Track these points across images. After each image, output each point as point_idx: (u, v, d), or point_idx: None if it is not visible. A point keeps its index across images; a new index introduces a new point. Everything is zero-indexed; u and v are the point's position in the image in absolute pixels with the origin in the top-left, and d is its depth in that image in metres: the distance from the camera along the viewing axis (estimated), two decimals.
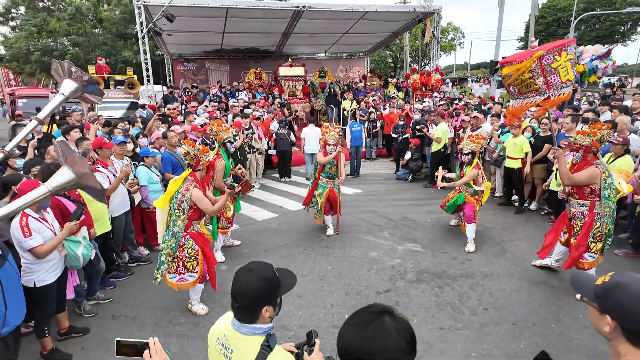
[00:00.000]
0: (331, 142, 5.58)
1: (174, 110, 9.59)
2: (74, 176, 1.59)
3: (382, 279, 4.56)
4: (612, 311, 1.19)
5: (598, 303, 1.23)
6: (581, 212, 4.10)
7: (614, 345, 1.22)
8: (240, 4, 11.78)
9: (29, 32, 28.09)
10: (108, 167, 4.57)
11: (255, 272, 1.48)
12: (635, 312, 1.14)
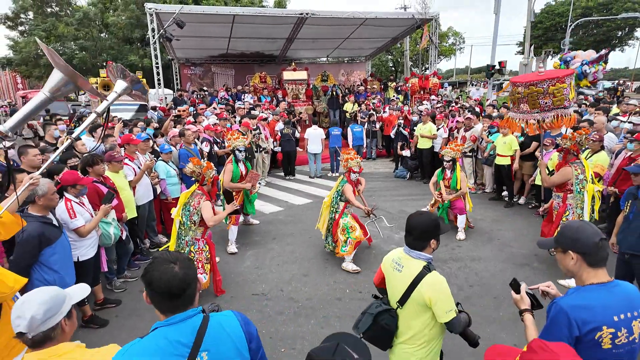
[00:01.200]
0: (356, 170, 5.22)
1: (184, 112, 10.14)
2: (63, 75, 2.20)
3: (379, 262, 5.05)
4: (567, 245, 1.67)
5: (559, 245, 1.72)
6: (558, 203, 4.65)
7: (579, 276, 1.69)
8: (247, 11, 12.35)
9: (38, 37, 28.77)
10: (134, 160, 5.10)
11: (426, 214, 2.13)
12: (576, 237, 1.64)
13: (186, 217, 4.12)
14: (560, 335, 1.58)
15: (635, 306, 1.60)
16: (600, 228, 5.90)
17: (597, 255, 1.63)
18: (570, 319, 1.56)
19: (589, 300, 1.59)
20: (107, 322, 3.87)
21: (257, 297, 4.30)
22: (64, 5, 32.26)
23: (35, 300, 1.47)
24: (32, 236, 2.90)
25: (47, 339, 1.48)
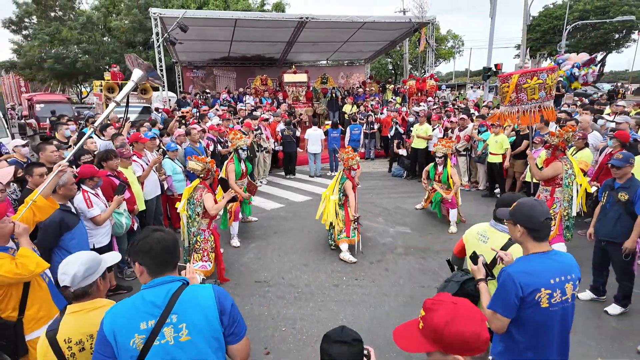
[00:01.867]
0: (355, 168, 5.68)
1: (187, 114, 10.45)
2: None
3: (375, 253, 5.34)
4: (518, 219, 1.94)
5: (512, 218, 1.99)
6: (545, 196, 4.93)
7: (524, 246, 1.97)
8: (249, 15, 12.69)
9: (42, 41, 29.19)
10: (142, 157, 5.39)
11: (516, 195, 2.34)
12: (529, 215, 1.90)
13: (191, 210, 4.40)
14: (508, 297, 1.85)
15: (568, 271, 1.88)
16: (586, 222, 6.20)
17: (541, 231, 1.90)
18: (516, 282, 1.83)
19: (531, 267, 1.86)
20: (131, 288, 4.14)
21: (259, 284, 4.58)
22: (67, 9, 32.68)
23: (77, 261, 1.75)
24: (53, 222, 3.18)
25: (86, 294, 1.77)
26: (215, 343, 1.55)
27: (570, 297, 1.90)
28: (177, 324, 1.51)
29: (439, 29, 37.18)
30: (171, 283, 1.58)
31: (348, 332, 1.59)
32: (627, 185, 3.67)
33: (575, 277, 1.90)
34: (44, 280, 2.71)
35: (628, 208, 3.62)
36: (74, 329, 1.70)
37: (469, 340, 1.13)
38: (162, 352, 1.49)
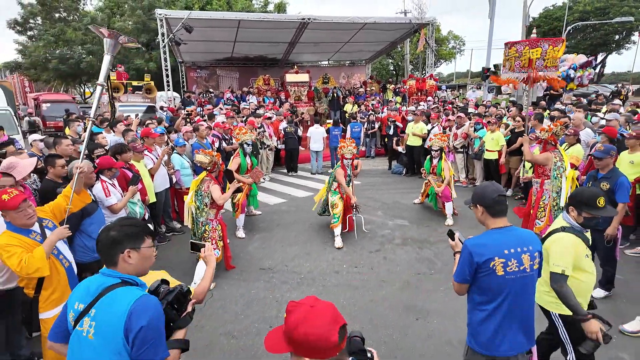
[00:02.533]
0: (348, 157, 5.69)
1: (192, 112, 10.72)
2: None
3: (374, 243, 5.60)
4: (475, 200, 2.20)
5: (472, 201, 2.23)
6: (536, 188, 5.18)
7: (485, 224, 2.20)
8: (252, 17, 12.96)
9: (47, 41, 29.54)
10: (152, 152, 5.65)
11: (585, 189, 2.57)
12: (482, 194, 2.15)
13: (199, 201, 4.66)
14: (463, 265, 2.11)
15: (525, 243, 2.09)
16: None
17: (496, 207, 2.11)
18: (472, 252, 2.07)
19: (486, 240, 2.10)
20: None
21: (264, 271, 4.83)
22: (71, 11, 33.05)
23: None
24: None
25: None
26: (116, 357, 1.50)
27: (529, 268, 2.07)
28: (92, 319, 1.56)
29: (440, 30, 37.42)
30: (108, 277, 1.64)
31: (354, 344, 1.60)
32: (609, 175, 3.91)
33: (533, 249, 2.09)
34: (62, 265, 2.92)
35: (610, 197, 3.86)
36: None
37: (315, 343, 1.16)
38: (76, 337, 1.59)
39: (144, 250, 1.72)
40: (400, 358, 3.30)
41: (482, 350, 2.15)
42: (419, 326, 3.70)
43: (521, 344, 2.14)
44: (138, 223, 1.81)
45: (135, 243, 1.70)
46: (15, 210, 2.58)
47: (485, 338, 2.13)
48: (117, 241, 1.67)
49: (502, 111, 9.47)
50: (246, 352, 3.38)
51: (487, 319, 2.12)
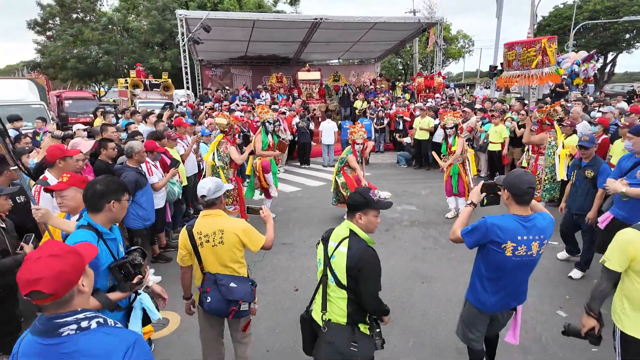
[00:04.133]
0: (359, 141, 5.98)
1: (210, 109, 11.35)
2: None
3: (383, 224, 6.12)
4: (506, 185, 2.37)
5: (502, 184, 2.43)
6: (532, 163, 5.78)
7: (508, 208, 2.41)
8: (266, 17, 13.55)
9: (66, 41, 30.53)
10: (183, 139, 6.25)
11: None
12: (514, 182, 2.25)
13: (219, 159, 5.35)
14: (476, 234, 2.32)
15: (539, 232, 2.27)
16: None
17: (524, 197, 2.27)
18: (489, 229, 2.27)
19: (505, 224, 2.26)
20: (170, 259, 5.00)
21: (285, 245, 5.39)
22: (89, 11, 34.03)
23: (210, 181, 2.52)
24: (130, 180, 4.02)
25: (213, 204, 2.53)
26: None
27: (536, 253, 2.29)
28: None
29: (450, 29, 37.64)
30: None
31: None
32: (592, 163, 4.21)
33: (544, 238, 2.28)
34: None
35: (594, 183, 4.23)
36: (203, 226, 2.49)
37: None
38: None
39: (123, 202, 2.20)
40: (406, 313, 3.82)
41: (478, 305, 2.52)
42: (423, 288, 4.23)
43: (511, 305, 2.52)
44: (118, 181, 2.27)
45: (117, 196, 2.16)
46: None
47: (484, 299, 2.46)
48: (105, 194, 2.09)
49: (507, 106, 9.91)
50: (275, 306, 3.95)
51: (491, 292, 2.43)
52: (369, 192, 2.29)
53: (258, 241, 2.58)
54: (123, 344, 1.28)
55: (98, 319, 1.32)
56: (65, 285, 1.24)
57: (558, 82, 6.06)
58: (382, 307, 2.31)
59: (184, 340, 3.48)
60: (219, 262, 2.51)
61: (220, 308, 2.47)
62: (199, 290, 2.57)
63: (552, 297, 4.04)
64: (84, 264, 1.34)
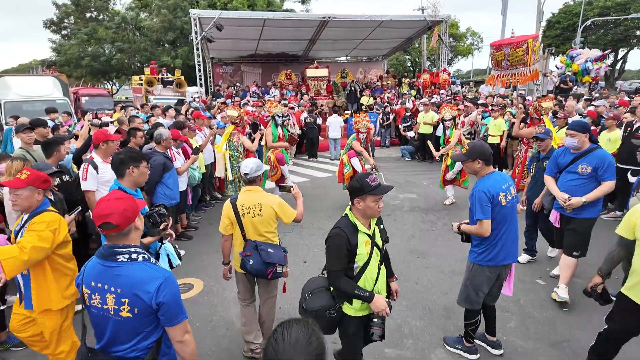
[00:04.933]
0: (363, 130, 6.35)
1: (223, 104, 11.91)
2: None
3: (386, 209, 6.58)
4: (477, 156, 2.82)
5: (469, 157, 2.88)
6: (521, 154, 6.19)
7: (481, 173, 2.89)
8: (276, 15, 14.04)
9: (81, 40, 31.41)
10: (201, 130, 6.79)
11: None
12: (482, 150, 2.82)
13: (233, 149, 6.01)
14: (484, 202, 2.71)
15: (508, 180, 2.86)
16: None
17: (490, 159, 2.83)
18: (485, 191, 2.78)
19: (489, 182, 2.78)
20: (192, 237, 5.55)
21: (293, 225, 5.88)
22: (102, 10, 34.88)
23: (252, 161, 2.93)
24: (159, 164, 4.56)
25: (254, 181, 2.95)
26: None
27: (515, 198, 2.86)
28: None
29: (458, 27, 37.68)
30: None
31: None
32: (549, 155, 4.26)
33: (510, 184, 2.83)
34: None
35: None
36: (245, 199, 2.89)
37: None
38: None
39: (141, 169, 2.79)
40: (401, 281, 4.29)
41: (489, 263, 2.85)
42: (419, 262, 4.70)
43: (513, 255, 2.93)
44: (137, 151, 2.87)
45: (136, 163, 2.75)
46: None
47: (492, 255, 2.84)
48: (124, 161, 2.71)
49: (507, 101, 10.27)
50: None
51: (497, 241, 2.81)
52: (367, 177, 2.36)
53: (290, 214, 2.98)
54: (159, 277, 1.70)
55: (144, 255, 1.77)
56: (127, 220, 1.71)
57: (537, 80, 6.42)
58: (337, 285, 2.34)
59: (207, 300, 4.01)
60: (256, 231, 2.91)
61: (260, 269, 2.87)
62: (241, 255, 2.92)
63: (534, 269, 4.48)
64: (139, 209, 1.84)
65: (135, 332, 1.74)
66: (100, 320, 1.76)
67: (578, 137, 3.57)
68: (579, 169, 3.58)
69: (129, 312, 1.69)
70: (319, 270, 4.09)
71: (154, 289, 1.67)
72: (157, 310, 1.70)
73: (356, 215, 2.39)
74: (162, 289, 1.68)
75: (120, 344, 1.76)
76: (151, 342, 1.78)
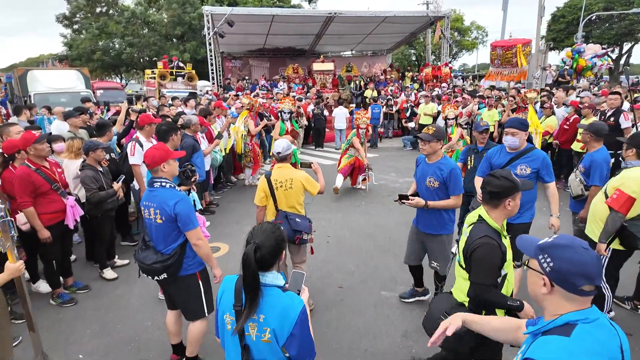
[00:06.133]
0: (362, 126, 7.09)
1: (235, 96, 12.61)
2: None
3: (386, 191, 7.29)
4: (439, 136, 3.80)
5: (438, 138, 3.91)
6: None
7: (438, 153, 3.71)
8: (285, 12, 14.69)
9: (92, 35, 32.19)
10: (220, 118, 7.51)
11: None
12: (440, 132, 3.78)
13: (245, 129, 6.97)
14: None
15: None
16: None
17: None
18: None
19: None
20: (214, 212, 6.29)
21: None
22: (111, 5, 35.62)
23: (284, 141, 3.46)
24: (189, 145, 5.27)
25: (285, 159, 3.45)
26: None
27: None
28: None
29: (462, 21, 37.96)
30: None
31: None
32: (487, 147, 4.30)
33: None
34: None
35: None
36: (278, 175, 3.30)
37: None
38: None
39: (179, 135, 3.97)
40: (397, 245, 5.00)
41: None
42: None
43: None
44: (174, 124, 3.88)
45: (175, 131, 3.95)
46: None
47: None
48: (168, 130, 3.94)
49: (502, 94, 10.87)
50: None
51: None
52: (511, 174, 2.17)
53: (316, 187, 3.43)
54: (177, 196, 2.57)
55: (170, 184, 2.64)
56: (154, 162, 2.58)
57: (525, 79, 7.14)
58: (489, 297, 2.10)
59: (233, 259, 4.74)
60: (287, 203, 3.34)
61: (290, 235, 3.27)
62: (273, 222, 3.41)
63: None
64: (167, 158, 2.63)
65: (165, 234, 2.58)
66: (149, 227, 2.66)
67: (519, 135, 3.38)
68: (518, 170, 3.38)
69: (160, 219, 2.54)
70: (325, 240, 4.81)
71: (172, 204, 2.51)
72: (175, 218, 2.51)
73: (496, 219, 2.16)
74: (178, 205, 2.51)
75: (160, 243, 2.62)
76: (177, 245, 2.61)
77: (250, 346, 1.61)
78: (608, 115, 5.93)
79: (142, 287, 4.10)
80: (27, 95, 11.51)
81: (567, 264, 1.13)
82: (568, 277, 1.13)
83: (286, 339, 1.56)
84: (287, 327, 1.55)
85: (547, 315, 1.22)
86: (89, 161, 4.06)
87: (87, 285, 4.10)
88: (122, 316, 3.66)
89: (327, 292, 4.07)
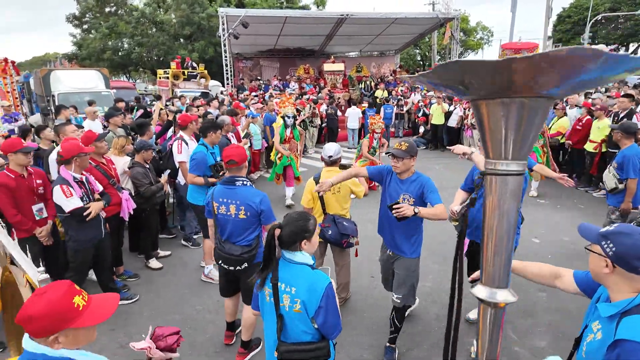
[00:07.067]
0: (378, 131, 7.11)
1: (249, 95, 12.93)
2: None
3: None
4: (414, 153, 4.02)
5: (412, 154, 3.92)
6: None
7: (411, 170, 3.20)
8: (297, 13, 14.98)
9: (103, 34, 32.60)
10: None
11: None
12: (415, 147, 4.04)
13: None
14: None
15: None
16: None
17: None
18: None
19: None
20: None
21: None
22: (121, 5, 36.02)
23: (334, 146, 3.72)
24: (223, 144, 5.51)
25: (335, 163, 3.68)
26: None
27: None
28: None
29: (468, 21, 38.09)
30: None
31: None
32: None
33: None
34: None
35: None
36: (326, 178, 3.26)
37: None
38: None
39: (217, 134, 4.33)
40: None
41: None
42: None
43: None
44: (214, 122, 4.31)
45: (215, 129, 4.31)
46: None
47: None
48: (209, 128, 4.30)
49: None
50: None
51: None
52: None
53: (362, 190, 3.55)
54: (260, 194, 2.84)
55: (249, 183, 2.88)
56: (242, 159, 2.86)
57: None
58: None
59: None
60: (335, 206, 3.45)
61: (337, 239, 3.36)
62: (321, 226, 3.30)
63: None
64: (246, 157, 2.91)
65: (245, 228, 2.84)
66: (224, 222, 2.87)
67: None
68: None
69: (244, 214, 2.78)
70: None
71: (258, 201, 2.78)
72: (260, 214, 2.79)
73: None
74: (262, 202, 2.80)
75: (237, 236, 2.87)
76: (254, 236, 2.88)
77: (284, 315, 1.87)
78: (621, 116, 6.18)
79: (187, 276, 4.42)
80: (51, 95, 11.86)
81: (628, 249, 1.31)
82: (629, 260, 1.31)
83: (314, 311, 1.81)
84: (315, 299, 1.81)
85: (612, 293, 1.40)
86: (138, 159, 4.37)
87: (137, 274, 4.41)
88: (173, 301, 3.97)
89: (360, 281, 4.36)
